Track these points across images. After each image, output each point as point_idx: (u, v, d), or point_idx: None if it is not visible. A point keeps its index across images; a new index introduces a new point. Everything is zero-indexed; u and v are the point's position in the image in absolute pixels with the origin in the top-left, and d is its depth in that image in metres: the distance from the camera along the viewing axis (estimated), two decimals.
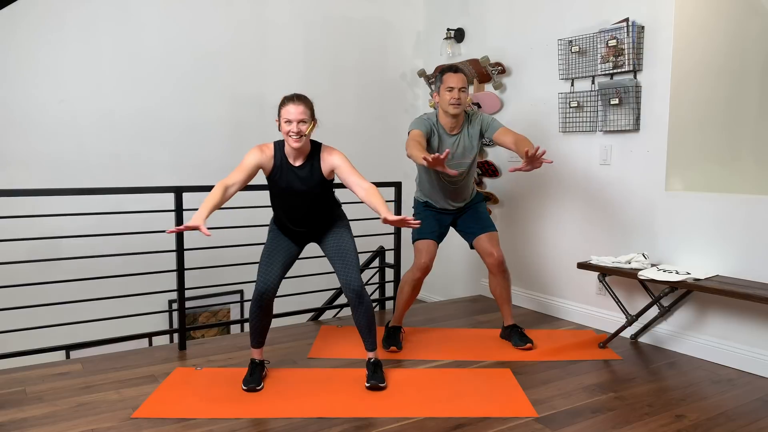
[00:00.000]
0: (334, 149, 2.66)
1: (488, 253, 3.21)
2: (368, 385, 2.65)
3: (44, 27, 3.81)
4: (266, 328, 2.75)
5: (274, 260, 2.69)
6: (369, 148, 4.97)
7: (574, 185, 3.79)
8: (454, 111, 3.04)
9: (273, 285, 2.65)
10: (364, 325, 2.72)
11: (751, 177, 3.58)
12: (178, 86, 4.25)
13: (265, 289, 2.63)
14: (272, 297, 2.66)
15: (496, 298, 3.36)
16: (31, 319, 3.24)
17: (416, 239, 3.24)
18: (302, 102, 2.54)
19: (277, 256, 2.71)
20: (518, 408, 2.48)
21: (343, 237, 2.75)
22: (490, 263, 3.23)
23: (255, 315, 2.69)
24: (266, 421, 2.36)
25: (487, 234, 3.25)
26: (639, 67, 3.35)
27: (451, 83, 3.02)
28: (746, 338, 2.97)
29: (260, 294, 2.63)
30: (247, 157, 2.61)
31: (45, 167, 3.87)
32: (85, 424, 2.32)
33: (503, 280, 3.29)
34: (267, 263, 2.68)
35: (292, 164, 2.63)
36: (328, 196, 2.75)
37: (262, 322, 2.71)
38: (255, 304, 2.66)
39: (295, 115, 2.50)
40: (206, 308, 4.49)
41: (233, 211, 4.12)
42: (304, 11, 4.67)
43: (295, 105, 2.52)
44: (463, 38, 4.67)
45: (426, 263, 3.19)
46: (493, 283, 3.32)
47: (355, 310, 2.69)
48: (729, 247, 3.02)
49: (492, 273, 3.27)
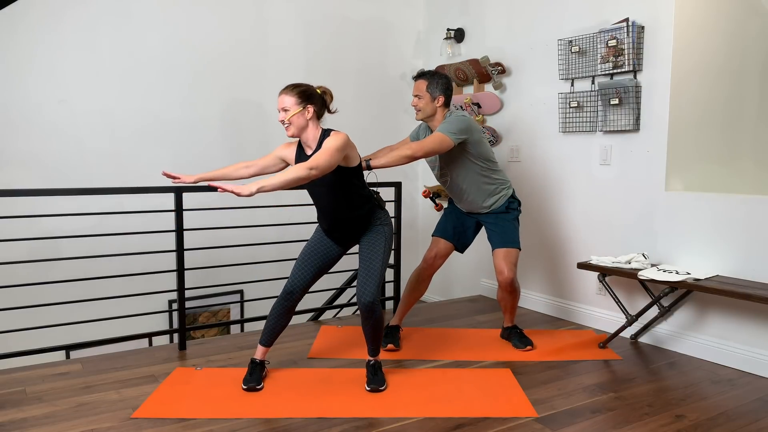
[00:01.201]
0: (339, 133, 2.52)
1: (499, 270, 3.15)
2: (368, 389, 2.65)
3: (44, 27, 3.81)
4: (282, 329, 2.76)
5: (309, 262, 2.72)
6: (369, 148, 4.96)
7: (574, 185, 3.79)
8: (418, 117, 3.14)
9: (301, 286, 2.68)
10: (369, 334, 2.72)
11: (751, 177, 3.58)
12: (178, 86, 4.24)
13: (293, 289, 2.68)
14: (298, 298, 2.70)
15: (500, 305, 3.35)
16: (31, 319, 3.23)
17: (433, 234, 3.39)
18: (285, 91, 2.56)
19: (313, 258, 2.73)
20: (518, 408, 2.48)
21: (374, 246, 2.67)
22: (500, 281, 3.18)
23: (276, 312, 2.71)
24: (266, 421, 2.36)
25: (504, 250, 3.14)
26: (639, 67, 3.35)
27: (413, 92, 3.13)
28: (746, 338, 2.97)
29: (287, 293, 2.68)
30: (276, 149, 2.74)
31: (45, 167, 3.86)
32: (85, 424, 2.32)
33: (510, 296, 3.25)
34: (301, 264, 2.72)
35: (305, 152, 2.63)
36: (349, 186, 2.62)
37: (280, 321, 2.72)
38: (279, 301, 2.70)
39: (278, 104, 2.56)
40: (206, 308, 4.49)
41: (233, 211, 4.12)
42: (304, 11, 4.67)
43: (279, 96, 2.56)
44: (463, 38, 4.67)
45: (429, 257, 3.30)
46: (499, 294, 3.29)
47: (365, 321, 2.67)
48: (729, 247, 3.02)
49: (501, 288, 3.22)
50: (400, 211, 3.99)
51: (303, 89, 2.57)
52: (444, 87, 3.07)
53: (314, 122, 2.58)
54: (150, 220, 3.89)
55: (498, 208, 3.20)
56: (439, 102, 3.06)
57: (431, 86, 3.05)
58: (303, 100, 2.54)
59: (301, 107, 2.53)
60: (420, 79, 3.09)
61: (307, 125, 2.56)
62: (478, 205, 3.21)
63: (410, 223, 5.18)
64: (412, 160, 2.93)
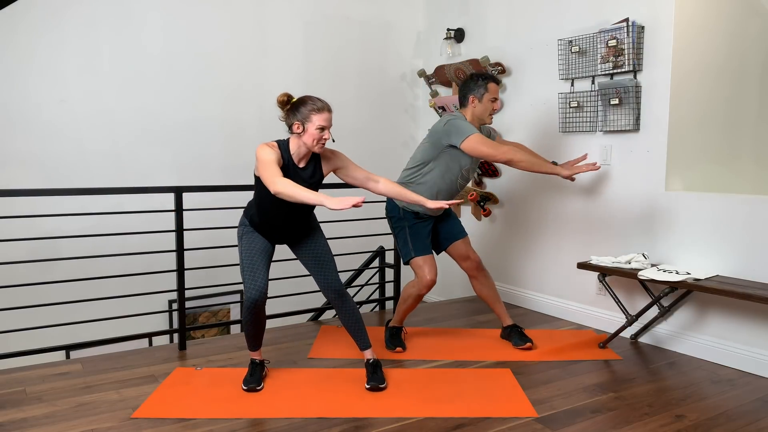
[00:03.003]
0: (336, 150, 2.66)
1: (465, 257, 3.19)
2: (368, 387, 2.65)
3: (44, 27, 3.81)
4: (262, 332, 2.73)
5: (257, 264, 2.60)
6: (369, 148, 4.98)
7: (574, 185, 3.79)
8: (490, 121, 3.11)
9: (263, 290, 2.57)
10: (352, 325, 2.72)
11: (751, 177, 3.58)
12: (178, 86, 4.25)
13: (258, 296, 2.55)
14: (264, 302, 2.61)
15: (485, 300, 3.35)
16: (31, 319, 3.24)
17: (412, 257, 3.07)
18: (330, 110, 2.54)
19: (259, 259, 2.63)
20: (518, 408, 2.48)
21: (319, 242, 2.74)
22: (468, 267, 3.21)
23: (249, 322, 2.63)
24: (266, 421, 2.36)
25: (462, 239, 3.24)
26: (639, 67, 3.35)
27: (496, 95, 3.07)
28: (746, 338, 2.97)
29: (253, 301, 2.55)
30: (268, 154, 2.46)
31: (45, 167, 3.87)
32: (85, 424, 2.32)
33: (486, 279, 3.28)
34: (251, 269, 2.58)
35: (297, 165, 2.61)
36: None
37: (257, 327, 2.68)
38: (248, 311, 2.59)
39: (330, 122, 2.50)
40: (206, 308, 4.49)
41: (233, 211, 4.13)
42: (304, 11, 4.67)
43: (330, 114, 2.51)
44: (463, 38, 4.67)
45: (432, 280, 3.06)
46: (477, 286, 3.31)
47: (339, 311, 2.68)
48: (729, 247, 3.02)
49: (473, 276, 3.26)
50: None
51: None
52: None
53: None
54: (150, 220, 3.90)
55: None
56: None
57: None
58: None
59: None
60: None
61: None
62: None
63: None
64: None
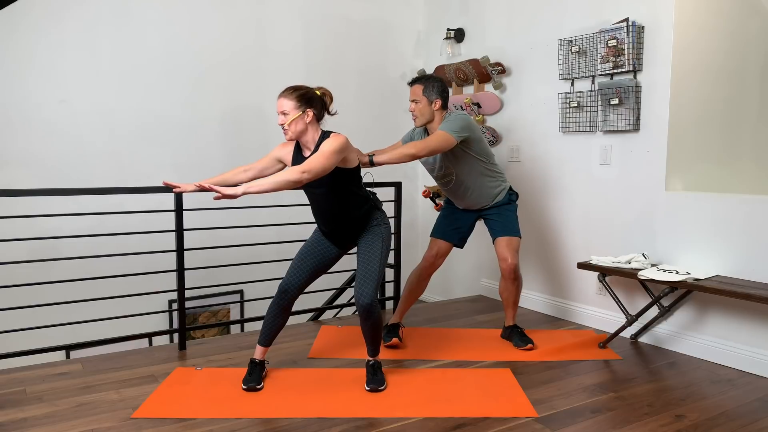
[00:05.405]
0: (338, 135, 2.52)
1: (503, 257, 3.20)
2: (368, 389, 2.65)
3: (44, 27, 3.81)
4: (279, 328, 2.75)
5: (305, 262, 2.72)
6: (368, 148, 4.95)
7: (574, 185, 3.79)
8: (415, 125, 3.16)
9: (296, 286, 2.67)
10: (369, 335, 2.70)
11: (751, 177, 3.58)
12: (178, 86, 4.24)
13: (287, 288, 2.67)
14: (294, 297, 2.68)
15: (502, 299, 3.37)
16: (31, 319, 3.23)
17: (430, 234, 3.41)
18: (284, 95, 2.53)
19: (309, 258, 2.72)
20: (518, 408, 2.48)
21: (372, 247, 2.66)
22: (503, 268, 3.22)
23: (272, 311, 2.71)
24: (266, 421, 2.36)
25: (507, 238, 3.21)
26: (639, 67, 3.35)
27: (410, 97, 3.11)
28: (746, 338, 2.97)
29: (282, 291, 2.67)
30: (272, 150, 2.69)
31: (45, 167, 3.86)
32: (85, 424, 2.32)
33: (512, 286, 3.28)
34: (297, 263, 2.72)
35: (303, 156, 2.61)
36: (347, 188, 2.62)
37: (277, 320, 2.72)
38: (275, 300, 2.69)
39: (277, 107, 2.53)
40: (206, 308, 4.49)
41: (233, 211, 4.12)
42: (304, 11, 4.67)
43: (278, 99, 2.53)
44: (463, 38, 4.67)
45: (430, 256, 3.33)
46: (502, 286, 3.32)
47: (364, 322, 2.67)
48: (729, 247, 3.02)
49: (504, 277, 3.27)
50: (400, 211, 3.99)
51: (303, 92, 2.54)
52: (440, 90, 3.06)
53: (314, 125, 2.57)
54: (150, 220, 3.88)
55: (501, 201, 3.28)
56: (436, 105, 3.06)
57: (427, 90, 3.05)
58: (302, 104, 2.52)
59: (301, 111, 2.51)
60: (415, 84, 3.09)
61: (307, 129, 2.55)
62: (482, 201, 3.26)
63: (410, 223, 5.18)
64: (416, 158, 2.95)
